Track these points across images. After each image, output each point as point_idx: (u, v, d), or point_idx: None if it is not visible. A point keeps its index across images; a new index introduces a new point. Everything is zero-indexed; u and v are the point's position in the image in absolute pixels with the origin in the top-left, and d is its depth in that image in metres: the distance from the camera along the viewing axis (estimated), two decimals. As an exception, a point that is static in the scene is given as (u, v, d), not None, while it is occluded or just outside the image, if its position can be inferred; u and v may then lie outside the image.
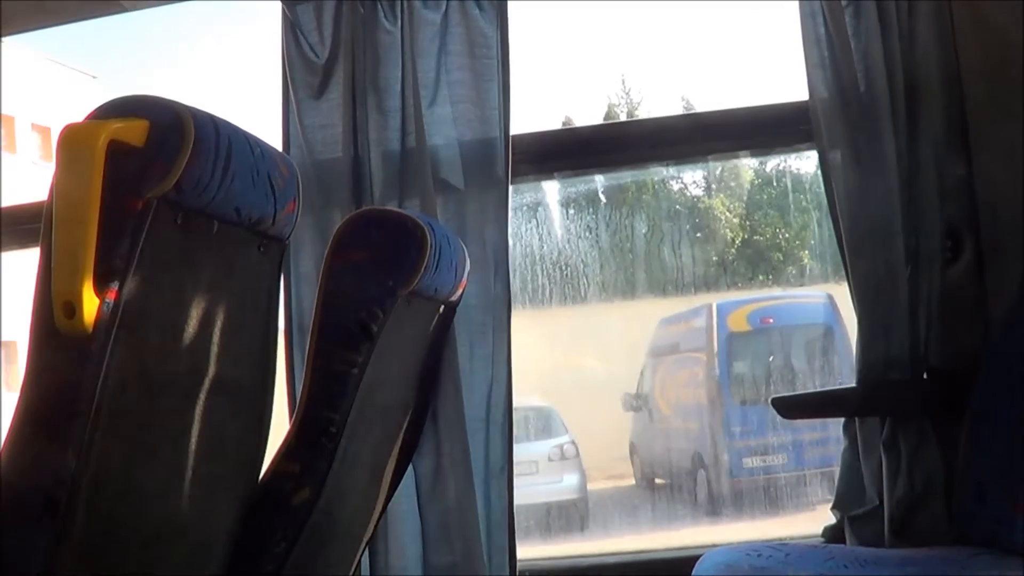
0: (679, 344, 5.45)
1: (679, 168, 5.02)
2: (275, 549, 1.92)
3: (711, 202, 4.81)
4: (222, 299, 1.69)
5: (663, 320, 5.37)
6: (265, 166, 1.69)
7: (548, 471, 5.14)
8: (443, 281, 2.30)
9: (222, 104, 2.21)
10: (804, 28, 3.07)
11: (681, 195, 5.04)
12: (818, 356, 5.27)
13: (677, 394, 5.51)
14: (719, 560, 2.50)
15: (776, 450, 4.58)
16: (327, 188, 3.12)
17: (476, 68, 3.12)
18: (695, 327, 5.21)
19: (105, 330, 1.41)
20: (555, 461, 5.19)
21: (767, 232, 4.62)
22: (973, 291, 2.97)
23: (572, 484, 5.14)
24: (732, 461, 4.90)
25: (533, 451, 5.12)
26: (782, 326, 4.75)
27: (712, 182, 4.94)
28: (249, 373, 1.86)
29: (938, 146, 2.98)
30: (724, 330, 4.97)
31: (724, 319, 4.98)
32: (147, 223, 1.45)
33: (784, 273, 4.61)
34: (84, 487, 1.42)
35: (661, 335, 5.49)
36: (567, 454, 5.23)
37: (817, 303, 5.05)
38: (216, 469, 1.80)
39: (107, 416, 1.43)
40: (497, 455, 3.08)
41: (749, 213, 4.88)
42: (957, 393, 2.86)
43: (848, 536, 3.05)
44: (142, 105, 1.48)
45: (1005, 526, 2.54)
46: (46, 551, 1.41)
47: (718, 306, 5.01)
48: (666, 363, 5.52)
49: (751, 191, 4.96)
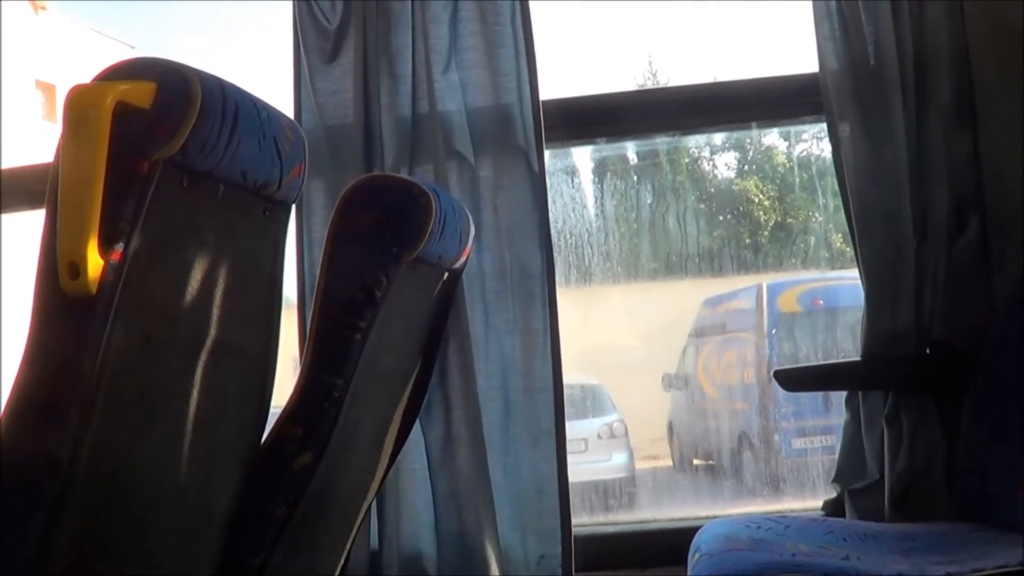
0: (725, 324, 5.39)
1: (714, 151, 5.00)
2: (275, 513, 1.93)
3: (745, 184, 4.79)
4: (226, 262, 1.69)
5: (707, 300, 5.31)
6: (271, 130, 1.69)
7: (597, 449, 5.11)
8: (447, 248, 2.30)
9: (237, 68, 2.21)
10: (816, 1, 3.06)
11: (714, 176, 5.02)
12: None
13: (723, 374, 5.45)
14: (719, 531, 2.51)
15: (826, 431, 4.55)
16: (339, 153, 3.12)
17: (488, 35, 3.12)
18: (743, 307, 5.16)
19: (109, 291, 1.41)
20: (604, 439, 5.16)
21: (800, 215, 4.59)
22: (977, 267, 2.97)
23: (621, 463, 5.12)
24: (782, 441, 4.87)
25: (582, 429, 5.09)
26: (833, 307, 4.71)
27: (744, 164, 4.93)
28: (253, 337, 1.87)
29: (946, 121, 2.99)
30: (774, 310, 4.93)
31: (774, 300, 4.94)
32: (153, 185, 1.45)
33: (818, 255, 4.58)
34: (85, 449, 1.43)
35: (705, 315, 5.44)
36: (616, 432, 5.20)
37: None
38: (218, 433, 1.80)
39: (110, 378, 1.44)
40: (537, 424, 3.10)
41: (782, 196, 4.86)
42: (960, 368, 2.87)
43: (848, 509, 3.06)
44: (149, 67, 1.48)
45: (1005, 502, 2.55)
46: (47, 511, 1.41)
47: (768, 287, 4.96)
48: (710, 343, 5.47)
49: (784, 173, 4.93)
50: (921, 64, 3.00)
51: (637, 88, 3.47)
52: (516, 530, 3.09)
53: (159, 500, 1.67)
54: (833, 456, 3.20)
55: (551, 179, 3.27)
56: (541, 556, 3.07)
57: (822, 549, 2.37)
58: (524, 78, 3.12)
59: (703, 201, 4.84)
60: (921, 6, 3.00)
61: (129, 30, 12.40)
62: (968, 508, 2.74)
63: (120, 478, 1.54)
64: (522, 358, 3.10)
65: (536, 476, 3.08)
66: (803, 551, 2.32)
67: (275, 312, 1.92)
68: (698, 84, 3.48)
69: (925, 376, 3.01)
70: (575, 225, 3.97)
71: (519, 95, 3.12)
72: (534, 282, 3.10)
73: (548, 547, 3.07)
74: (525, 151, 3.11)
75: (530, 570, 3.07)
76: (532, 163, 3.11)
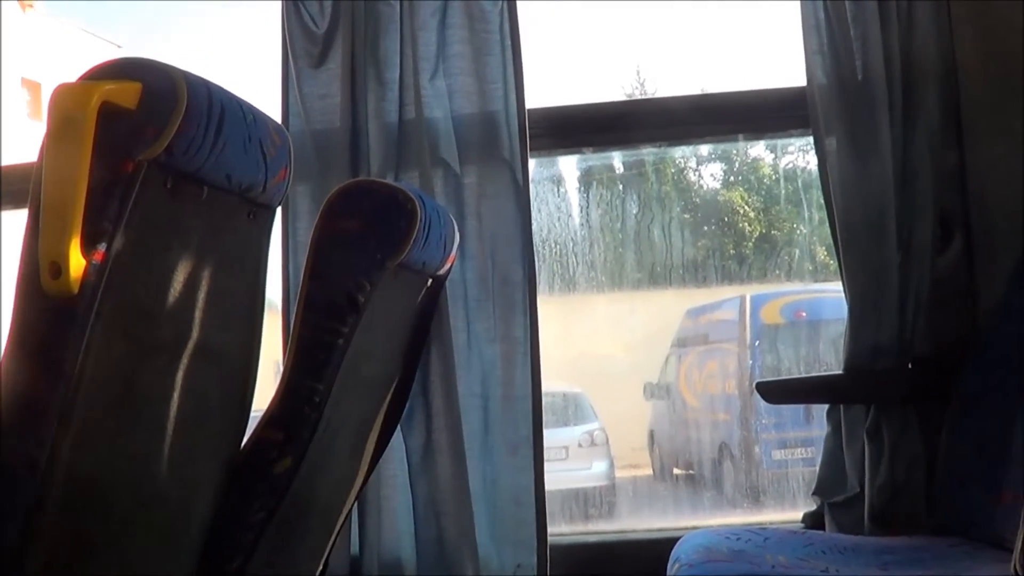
0: (708, 334, 5.40)
1: (700, 161, 5.02)
2: (254, 517, 1.92)
3: (730, 195, 4.80)
4: (210, 265, 1.69)
5: (690, 310, 5.32)
6: (257, 133, 1.69)
7: (578, 457, 5.11)
8: (431, 255, 2.30)
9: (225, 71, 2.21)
10: (804, 15, 3.07)
11: (699, 187, 5.03)
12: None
13: (704, 384, 5.46)
14: (698, 542, 2.51)
15: (806, 443, 4.55)
16: (325, 158, 3.12)
17: (476, 42, 3.11)
18: (726, 318, 5.16)
19: (91, 291, 1.41)
20: (585, 447, 5.17)
21: (784, 227, 4.61)
22: (961, 282, 2.99)
23: (601, 471, 5.12)
24: (762, 452, 4.87)
25: (563, 436, 5.09)
26: (815, 320, 4.72)
27: (730, 175, 4.94)
28: (234, 340, 1.86)
29: (933, 136, 2.99)
30: (757, 322, 4.94)
31: (757, 311, 4.94)
32: (137, 186, 1.45)
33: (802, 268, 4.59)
34: (65, 449, 1.42)
35: (688, 325, 5.44)
36: (597, 440, 5.20)
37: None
38: (199, 435, 1.80)
39: (90, 378, 1.43)
40: (515, 433, 3.09)
41: (767, 208, 4.87)
42: (942, 383, 2.87)
43: (828, 522, 3.06)
44: (136, 67, 1.48)
45: (985, 517, 2.56)
46: (26, 513, 1.41)
47: (751, 298, 4.97)
48: (692, 353, 5.47)
49: (769, 185, 4.94)
50: (909, 79, 3.01)
51: (624, 99, 3.44)
52: (493, 539, 3.09)
53: (138, 502, 1.66)
54: (813, 468, 3.20)
55: (537, 188, 3.28)
56: (517, 565, 3.07)
57: (801, 561, 2.38)
58: (511, 86, 3.12)
59: (688, 211, 4.84)
60: (910, 22, 3.01)
61: (117, 30, 12.40)
62: (948, 522, 2.74)
63: (99, 479, 1.54)
64: (502, 367, 3.09)
65: (514, 485, 3.08)
66: (782, 563, 2.33)
67: (258, 315, 1.92)
68: (685, 96, 3.48)
69: (907, 390, 3.01)
70: (560, 234, 3.97)
71: (505, 103, 3.12)
72: (515, 290, 3.09)
73: (524, 556, 3.07)
74: (509, 159, 3.11)
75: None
76: (516, 171, 3.10)
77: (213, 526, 1.88)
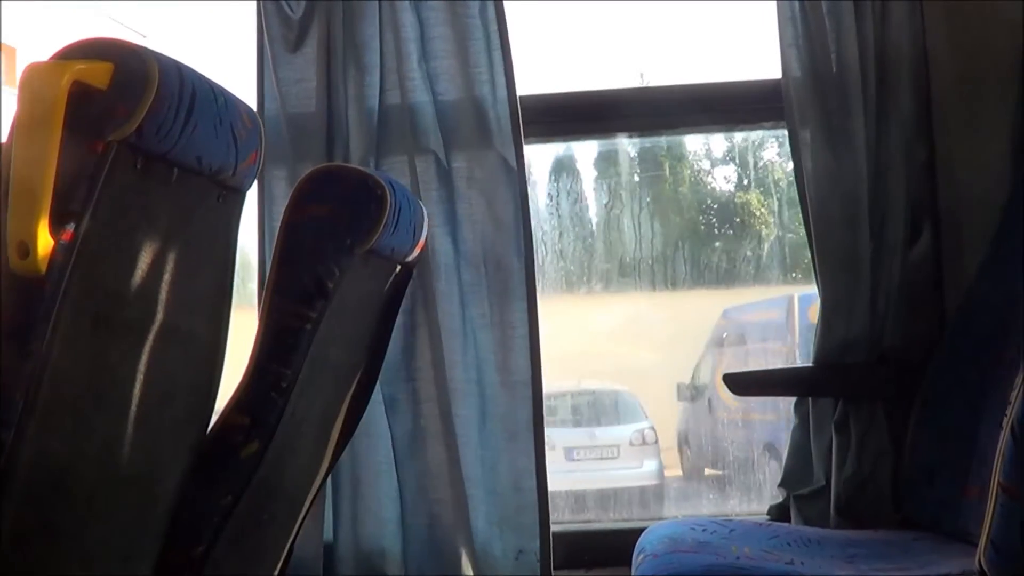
0: (748, 334, 5.36)
1: (714, 162, 5.00)
2: (221, 501, 1.92)
3: (747, 197, 4.79)
4: (178, 247, 1.68)
5: (728, 310, 5.29)
6: (228, 116, 1.68)
7: (629, 456, 5.11)
8: (401, 241, 2.29)
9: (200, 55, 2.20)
10: (780, 8, 3.08)
11: (714, 191, 5.01)
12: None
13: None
14: (663, 533, 2.52)
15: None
16: (301, 143, 3.12)
17: (457, 25, 3.11)
18: (769, 318, 5.13)
19: (59, 271, 1.40)
20: (636, 446, 5.16)
21: (800, 230, 4.62)
22: (930, 277, 3.01)
23: (652, 470, 5.12)
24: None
25: (615, 435, 5.08)
26: None
27: (745, 178, 4.92)
28: (202, 323, 1.86)
29: (906, 130, 3.01)
30: (805, 322, 4.92)
31: (805, 311, 4.92)
32: (106, 166, 1.44)
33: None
34: (31, 430, 1.41)
35: (726, 325, 5.40)
36: (647, 439, 5.20)
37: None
38: (166, 418, 1.79)
39: (57, 358, 1.42)
40: (514, 419, 3.10)
41: (782, 209, 4.86)
42: (910, 378, 2.89)
43: (793, 515, 3.08)
44: (107, 47, 1.47)
45: (950, 510, 2.57)
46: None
47: (799, 298, 4.94)
48: (730, 353, 5.43)
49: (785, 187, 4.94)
50: (882, 73, 3.03)
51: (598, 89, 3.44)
52: (493, 525, 3.09)
53: (103, 484, 1.65)
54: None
55: (560, 179, 3.27)
56: (519, 551, 3.07)
57: (766, 553, 2.38)
58: (499, 71, 3.12)
59: (703, 214, 4.83)
60: (884, 15, 3.03)
61: (144, 17, 12.28)
62: (913, 516, 2.76)
63: (64, 461, 1.53)
64: (498, 352, 3.10)
65: (513, 471, 3.09)
66: (747, 555, 2.33)
67: (226, 299, 1.91)
68: (660, 86, 3.49)
69: (875, 385, 3.03)
70: (581, 230, 3.98)
71: (492, 87, 3.12)
72: (510, 276, 3.10)
73: (526, 542, 3.07)
74: (499, 144, 3.11)
75: (508, 565, 3.07)
76: (508, 157, 3.10)
77: (178, 510, 1.88)
